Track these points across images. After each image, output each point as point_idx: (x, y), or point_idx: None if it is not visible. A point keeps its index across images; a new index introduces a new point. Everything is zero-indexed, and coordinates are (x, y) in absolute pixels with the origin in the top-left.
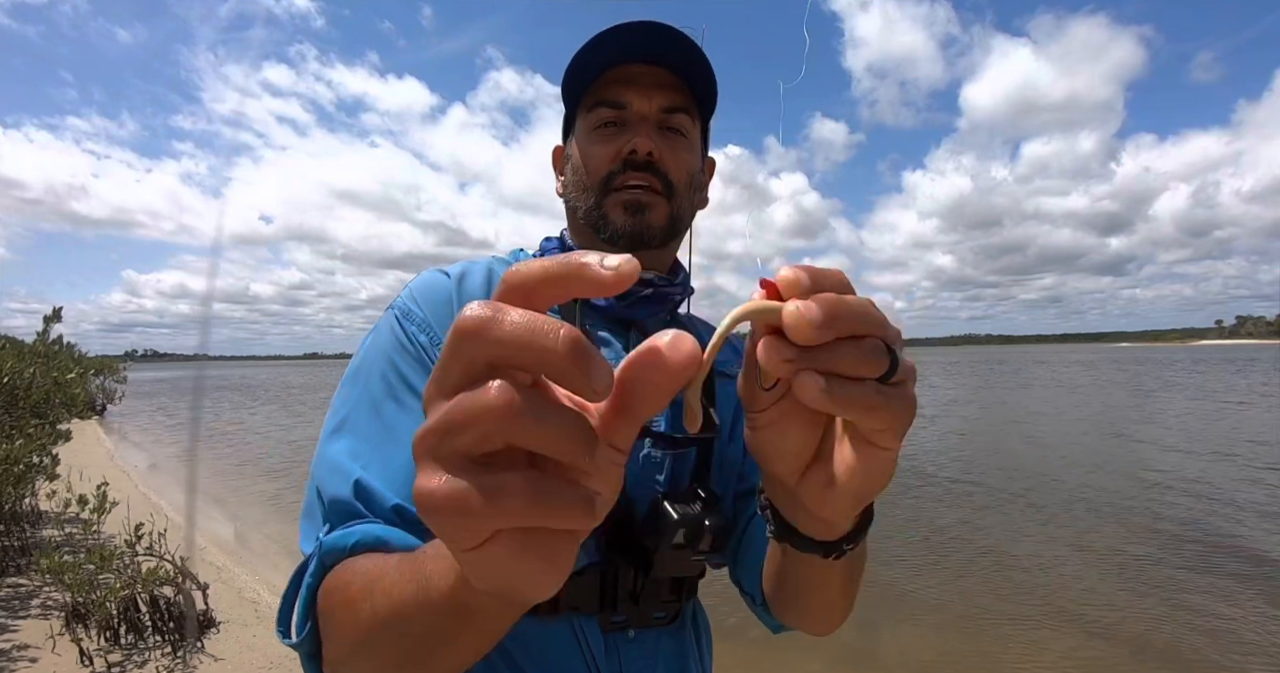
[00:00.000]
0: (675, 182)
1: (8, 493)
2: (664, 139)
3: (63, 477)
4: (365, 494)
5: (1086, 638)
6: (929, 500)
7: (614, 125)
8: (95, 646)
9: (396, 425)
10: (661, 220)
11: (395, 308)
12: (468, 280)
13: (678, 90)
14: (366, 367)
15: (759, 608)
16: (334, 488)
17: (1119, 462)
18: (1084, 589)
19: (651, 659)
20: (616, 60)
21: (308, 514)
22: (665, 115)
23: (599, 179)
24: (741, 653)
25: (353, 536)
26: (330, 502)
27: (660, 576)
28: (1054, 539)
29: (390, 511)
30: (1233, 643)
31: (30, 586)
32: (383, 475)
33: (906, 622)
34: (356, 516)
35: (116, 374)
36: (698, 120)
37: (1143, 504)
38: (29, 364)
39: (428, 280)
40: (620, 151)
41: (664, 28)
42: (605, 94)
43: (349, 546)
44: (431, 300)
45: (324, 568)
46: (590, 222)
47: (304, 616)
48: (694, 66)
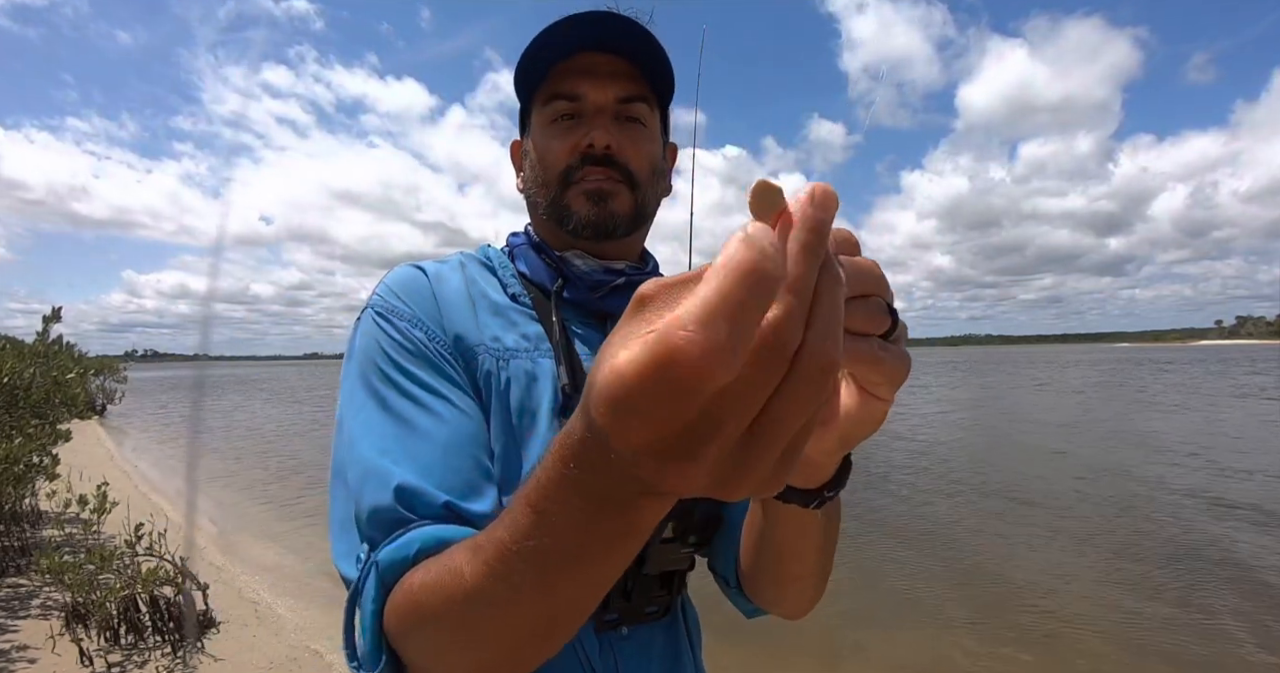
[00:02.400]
0: (636, 172)
1: (8, 493)
2: (622, 130)
3: (63, 477)
4: (409, 497)
5: (1086, 641)
6: (929, 501)
7: (570, 118)
8: (95, 646)
9: (416, 422)
10: (626, 209)
11: (374, 308)
12: (444, 278)
13: (633, 79)
14: (366, 370)
15: (733, 592)
16: (373, 496)
17: (1124, 463)
18: (1085, 590)
19: (646, 656)
20: (569, 51)
21: (341, 528)
22: (622, 105)
23: (557, 174)
24: (740, 653)
25: (412, 544)
26: (371, 512)
27: (651, 571)
28: (1056, 535)
29: (441, 508)
30: (1229, 645)
31: (30, 586)
32: (421, 474)
33: (903, 622)
34: (403, 523)
35: (116, 374)
36: (656, 107)
37: (1145, 503)
38: (29, 364)
39: (405, 276)
40: (578, 145)
41: (615, 16)
42: (559, 86)
43: (410, 556)
44: (414, 295)
45: (385, 588)
46: (553, 215)
47: (375, 645)
48: (648, 53)
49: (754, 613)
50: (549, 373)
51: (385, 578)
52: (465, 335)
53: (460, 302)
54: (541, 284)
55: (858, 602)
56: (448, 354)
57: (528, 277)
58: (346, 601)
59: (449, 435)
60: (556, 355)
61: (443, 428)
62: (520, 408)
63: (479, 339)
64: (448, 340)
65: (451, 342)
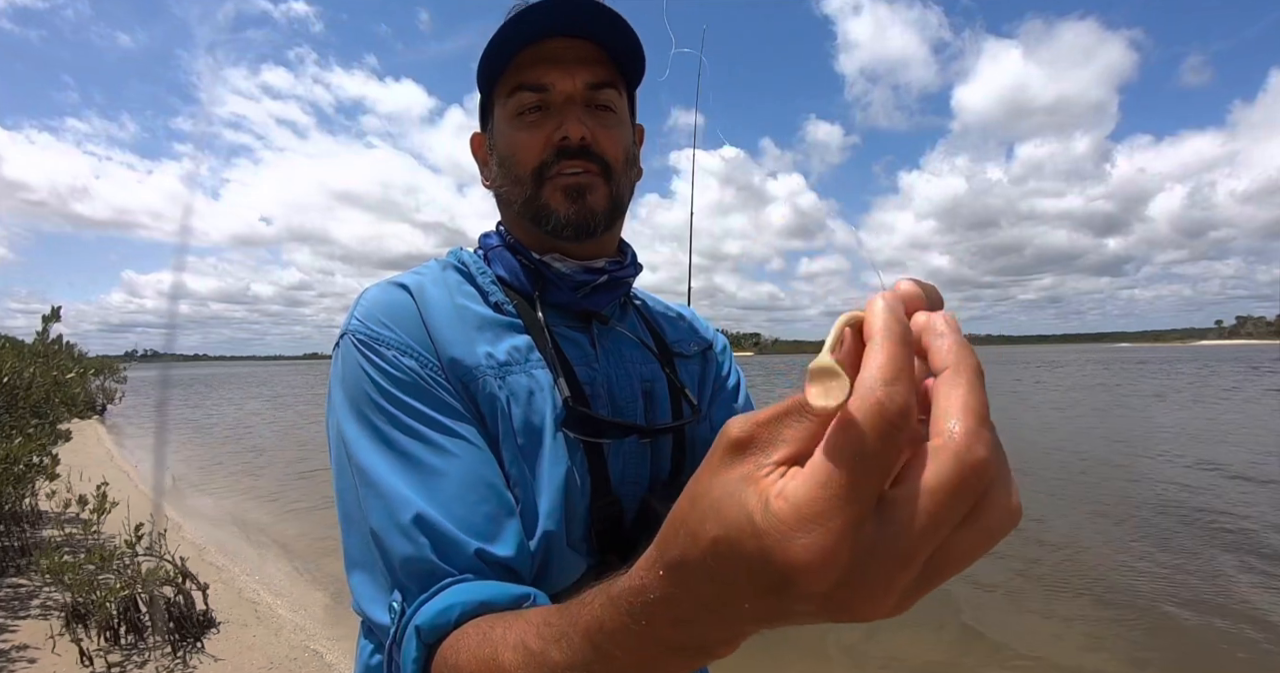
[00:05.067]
0: (612, 162)
1: (8, 493)
2: (594, 118)
3: (63, 477)
4: (439, 544)
5: (1084, 640)
6: None
7: (537, 110)
8: (95, 646)
9: (428, 462)
10: (603, 204)
11: (355, 335)
12: (428, 295)
13: (601, 64)
14: (362, 406)
15: None
16: (402, 544)
17: (1135, 463)
18: (1092, 596)
19: None
20: (532, 37)
21: (362, 570)
22: (592, 92)
23: (531, 170)
24: (738, 653)
25: (453, 609)
26: (404, 561)
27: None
28: (1056, 535)
29: (474, 557)
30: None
31: (30, 586)
32: (445, 516)
33: (903, 623)
34: (439, 574)
35: (116, 374)
36: (624, 91)
37: (1155, 499)
38: (29, 364)
39: (386, 298)
40: (550, 139)
41: (577, 0)
42: (525, 77)
43: (452, 621)
44: (400, 319)
45: (427, 649)
46: (529, 214)
47: None
48: (615, 34)
49: None
50: (546, 385)
51: (426, 641)
52: (461, 357)
53: (450, 320)
54: (522, 289)
55: None
56: (444, 381)
57: (506, 281)
58: (385, 648)
59: (463, 472)
60: (551, 366)
61: (456, 465)
62: (525, 425)
63: (475, 360)
64: (442, 365)
65: (447, 367)
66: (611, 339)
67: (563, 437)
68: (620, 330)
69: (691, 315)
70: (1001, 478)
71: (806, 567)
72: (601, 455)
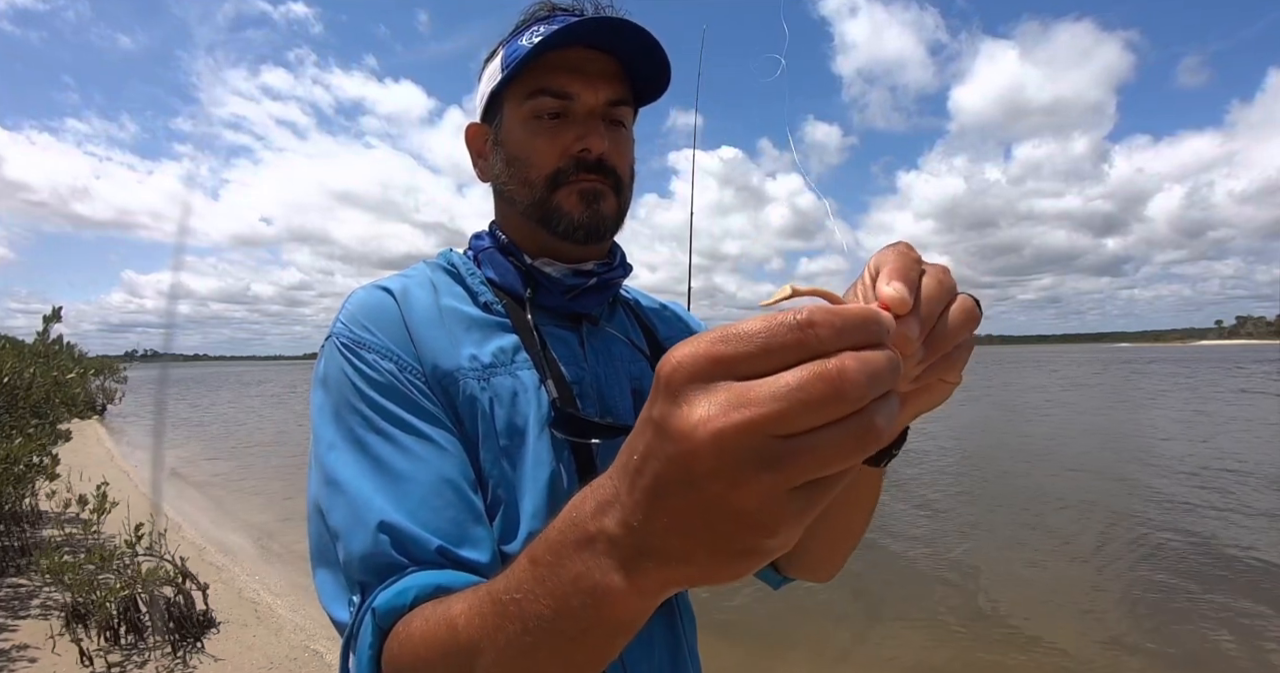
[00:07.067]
0: (622, 176)
1: (8, 493)
2: (610, 135)
3: (63, 477)
4: (400, 541)
5: (1085, 642)
6: (927, 501)
7: (557, 116)
8: (95, 646)
9: (396, 465)
10: (612, 211)
11: (338, 338)
12: (412, 298)
13: (621, 81)
14: (339, 407)
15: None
16: (362, 541)
17: (1127, 468)
18: (1085, 595)
19: (648, 648)
20: (559, 43)
21: (325, 568)
22: (609, 108)
23: (545, 176)
24: (738, 653)
25: (409, 591)
26: (363, 558)
27: None
28: (1054, 536)
29: (435, 553)
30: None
31: (30, 586)
32: (408, 517)
33: (900, 623)
34: (398, 567)
35: (116, 374)
36: (633, 109)
37: (1144, 507)
38: (29, 364)
39: (370, 302)
40: (568, 149)
41: (620, 20)
42: (549, 81)
43: (407, 603)
44: (382, 323)
45: (381, 634)
46: (537, 215)
47: None
48: (645, 56)
49: (782, 583)
50: (531, 385)
51: (382, 625)
52: (441, 361)
53: (432, 322)
54: (512, 290)
55: (852, 601)
56: (422, 384)
57: (496, 283)
58: (342, 646)
59: (431, 476)
60: (538, 366)
61: (424, 468)
62: (508, 426)
63: (456, 362)
64: (422, 369)
65: (428, 370)
66: (600, 339)
67: (549, 437)
68: (609, 330)
69: (683, 312)
70: (882, 402)
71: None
72: (591, 456)
